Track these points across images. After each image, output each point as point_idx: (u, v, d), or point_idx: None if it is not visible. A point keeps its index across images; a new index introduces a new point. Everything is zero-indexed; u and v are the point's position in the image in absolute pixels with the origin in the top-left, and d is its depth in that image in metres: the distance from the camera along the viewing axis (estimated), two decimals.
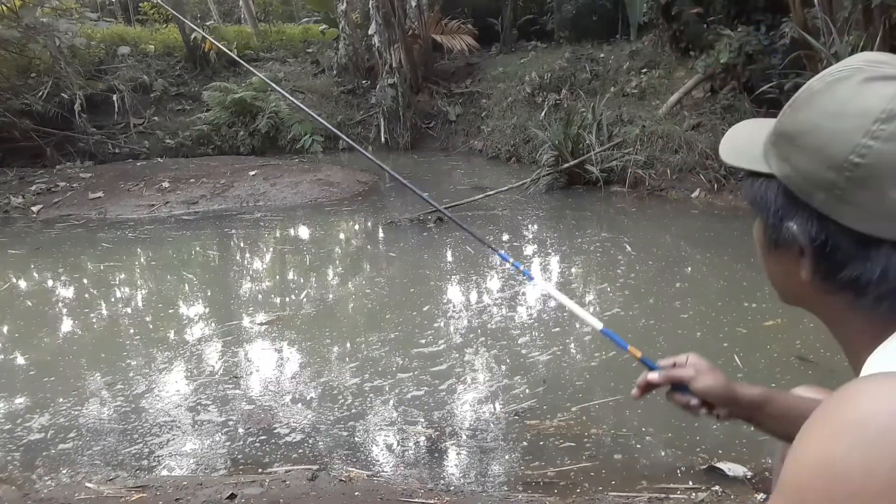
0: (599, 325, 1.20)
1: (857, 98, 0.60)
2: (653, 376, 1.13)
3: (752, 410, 1.02)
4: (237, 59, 2.19)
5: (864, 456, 0.48)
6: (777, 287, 0.75)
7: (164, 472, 2.54)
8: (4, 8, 8.54)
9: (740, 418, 1.04)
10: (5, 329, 4.22)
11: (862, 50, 5.27)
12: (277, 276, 5.23)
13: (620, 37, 10.32)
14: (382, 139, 10.21)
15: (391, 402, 2.97)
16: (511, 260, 1.36)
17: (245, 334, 3.84)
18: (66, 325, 4.23)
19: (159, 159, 9.26)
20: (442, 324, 3.83)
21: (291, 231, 6.52)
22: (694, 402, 1.05)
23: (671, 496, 2.22)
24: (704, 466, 2.38)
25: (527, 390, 2.99)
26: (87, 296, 4.79)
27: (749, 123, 0.80)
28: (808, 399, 1.03)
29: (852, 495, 0.48)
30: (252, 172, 7.82)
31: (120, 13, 15.00)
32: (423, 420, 2.80)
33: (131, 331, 3.98)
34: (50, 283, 5.20)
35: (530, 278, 1.41)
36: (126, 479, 2.46)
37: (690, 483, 2.30)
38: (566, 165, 6.93)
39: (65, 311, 4.50)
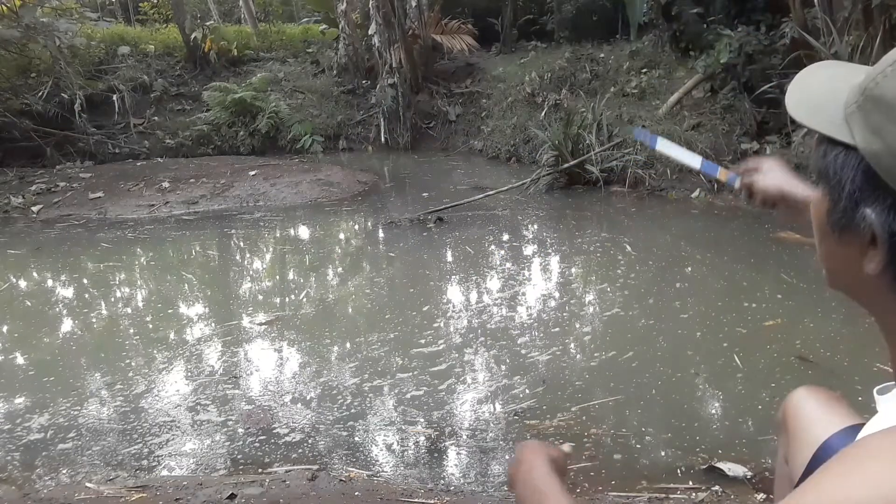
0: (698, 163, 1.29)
1: None
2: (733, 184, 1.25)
3: (797, 210, 1.12)
4: None
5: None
6: (828, 271, 0.67)
7: (164, 472, 2.54)
8: (4, 8, 8.54)
9: (789, 219, 1.17)
10: (5, 329, 4.22)
11: (862, 50, 5.27)
12: (277, 276, 5.22)
13: (620, 37, 10.32)
14: (382, 139, 10.21)
15: (391, 402, 2.97)
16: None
17: (244, 334, 3.84)
18: (66, 325, 4.23)
19: (159, 159, 9.26)
20: (441, 324, 3.83)
21: (291, 231, 6.52)
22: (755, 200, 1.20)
23: (671, 496, 2.22)
24: (704, 466, 2.38)
25: (526, 390, 2.99)
26: (86, 296, 4.79)
27: (826, 68, 0.66)
28: None
29: None
30: (252, 172, 7.82)
31: (120, 13, 15.01)
32: (422, 420, 2.80)
33: (131, 331, 3.98)
34: (50, 283, 5.20)
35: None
36: (126, 479, 2.46)
37: (690, 483, 2.30)
38: (566, 165, 6.92)
39: (64, 311, 4.50)
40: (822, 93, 0.61)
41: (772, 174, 1.14)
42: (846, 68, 0.63)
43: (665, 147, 1.26)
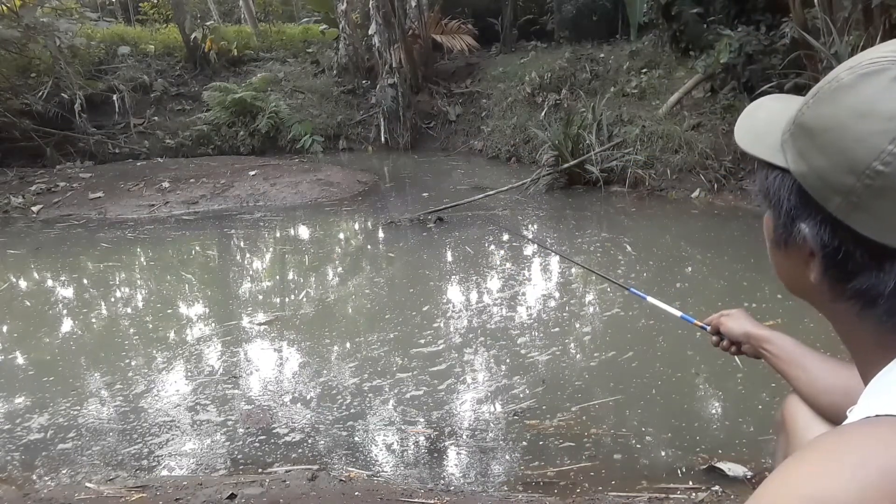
0: (678, 313, 1.52)
1: (889, 97, 0.54)
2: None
3: (758, 345, 1.28)
4: None
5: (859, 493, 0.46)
6: (783, 280, 0.71)
7: (164, 472, 2.54)
8: (4, 8, 8.55)
9: (754, 355, 1.32)
10: (5, 329, 4.22)
11: (862, 50, 5.25)
12: (277, 276, 5.22)
13: (620, 37, 10.32)
14: (382, 139, 10.21)
15: (391, 401, 2.97)
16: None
17: (244, 334, 3.84)
18: (66, 325, 4.23)
19: (159, 159, 9.27)
20: (441, 324, 3.83)
21: (291, 231, 6.51)
22: (724, 343, 1.39)
23: (671, 496, 2.22)
24: (704, 466, 2.38)
25: (526, 390, 2.99)
26: (86, 296, 4.79)
27: (770, 103, 0.74)
28: (808, 351, 1.21)
29: None
30: (252, 172, 7.82)
31: (120, 13, 15.01)
32: (422, 420, 2.80)
33: (131, 331, 3.98)
34: (50, 283, 5.20)
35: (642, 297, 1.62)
36: (126, 479, 2.46)
37: (690, 483, 2.30)
38: (566, 165, 6.92)
39: (64, 311, 4.50)
40: (764, 123, 0.69)
41: (736, 319, 1.36)
42: (790, 101, 0.69)
43: (653, 301, 1.55)
